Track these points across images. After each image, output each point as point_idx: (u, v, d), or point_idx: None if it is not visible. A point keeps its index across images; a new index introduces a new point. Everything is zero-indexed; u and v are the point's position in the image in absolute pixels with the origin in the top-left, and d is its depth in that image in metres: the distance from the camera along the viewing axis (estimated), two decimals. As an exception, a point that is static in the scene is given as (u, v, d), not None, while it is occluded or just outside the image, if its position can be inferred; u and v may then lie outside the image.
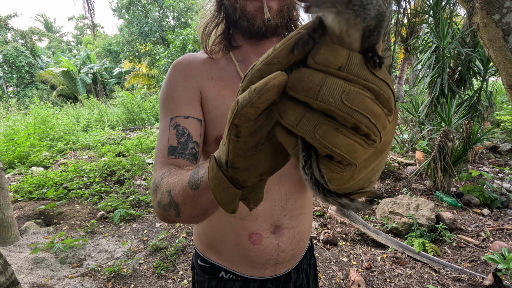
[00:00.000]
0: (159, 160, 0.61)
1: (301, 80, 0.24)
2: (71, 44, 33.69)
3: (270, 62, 0.27)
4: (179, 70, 0.68)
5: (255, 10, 0.60)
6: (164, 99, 0.67)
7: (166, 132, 0.63)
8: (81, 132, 7.81)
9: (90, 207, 3.46)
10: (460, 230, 2.75)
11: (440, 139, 3.30)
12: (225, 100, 0.67)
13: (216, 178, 0.35)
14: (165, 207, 0.50)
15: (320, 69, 0.24)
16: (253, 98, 0.26)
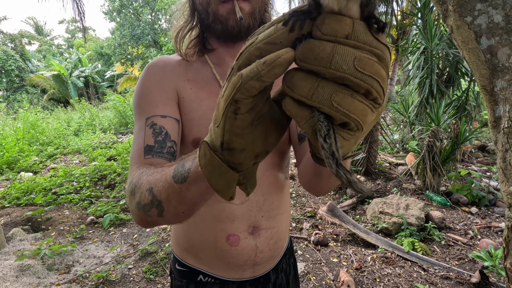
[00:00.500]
0: (135, 161, 0.59)
1: (312, 50, 0.24)
2: (62, 47, 33.33)
3: (273, 41, 0.26)
4: (154, 71, 0.67)
5: (228, 12, 0.61)
6: (138, 100, 0.65)
7: (141, 132, 0.61)
8: (71, 136, 7.71)
9: (80, 212, 3.41)
10: (449, 229, 2.79)
11: (429, 139, 3.34)
12: (202, 102, 0.67)
13: (211, 164, 0.34)
14: (146, 207, 0.47)
15: (328, 39, 0.24)
16: (262, 71, 0.25)
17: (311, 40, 0.25)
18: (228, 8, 0.61)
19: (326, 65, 0.24)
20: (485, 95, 0.91)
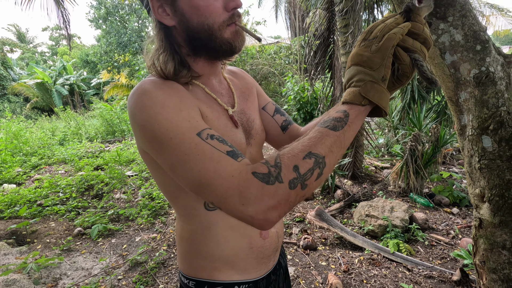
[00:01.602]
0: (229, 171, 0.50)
1: (416, 25, 0.55)
2: (45, 55, 32.63)
3: (397, 23, 0.55)
4: (167, 92, 0.57)
5: (233, 35, 0.61)
6: (168, 124, 0.53)
7: (204, 149, 0.52)
8: (57, 146, 7.54)
9: (67, 223, 3.35)
10: (432, 229, 2.89)
11: (411, 143, 3.47)
12: (219, 121, 0.65)
13: (377, 91, 0.54)
14: (307, 174, 0.49)
15: (420, 22, 0.55)
16: (405, 29, 0.54)
17: (413, 22, 0.55)
18: (233, 31, 0.61)
19: (421, 31, 0.55)
20: (451, 105, 0.99)
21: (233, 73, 0.83)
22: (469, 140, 0.95)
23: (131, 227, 3.24)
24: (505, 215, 0.89)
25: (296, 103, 7.80)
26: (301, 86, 7.62)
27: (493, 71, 0.87)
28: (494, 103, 0.88)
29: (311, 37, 4.80)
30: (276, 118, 0.83)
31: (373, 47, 0.54)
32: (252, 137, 0.74)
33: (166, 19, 0.60)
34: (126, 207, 3.68)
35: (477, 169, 0.94)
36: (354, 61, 0.57)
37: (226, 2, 0.58)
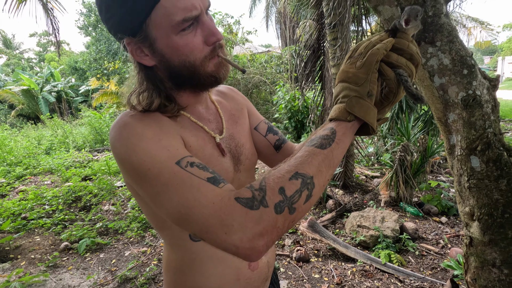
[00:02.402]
0: (210, 198, 0.47)
1: (400, 41, 0.55)
2: (32, 61, 32.02)
3: (382, 39, 0.56)
4: (147, 123, 0.56)
5: (217, 67, 0.60)
6: (146, 155, 0.51)
7: (183, 178, 0.50)
8: (43, 155, 7.34)
9: (52, 238, 3.24)
10: (422, 239, 2.93)
11: (400, 153, 3.54)
12: (204, 151, 0.64)
13: (363, 107, 0.53)
14: (294, 197, 0.46)
15: (405, 39, 0.55)
16: (388, 44, 0.54)
17: (398, 38, 0.55)
18: (216, 62, 0.60)
19: (406, 47, 0.55)
20: (440, 125, 1.02)
21: (222, 94, 0.82)
22: (458, 159, 0.98)
23: (120, 240, 3.16)
24: (494, 234, 0.91)
25: (287, 112, 7.87)
26: (292, 95, 7.70)
27: (479, 94, 0.90)
28: (481, 125, 0.91)
29: (302, 48, 4.88)
30: (268, 138, 0.82)
31: (358, 63, 0.54)
32: (241, 163, 0.73)
33: (146, 60, 0.58)
34: (115, 219, 3.59)
35: (466, 188, 0.96)
36: (340, 78, 0.57)
37: (207, 37, 0.56)
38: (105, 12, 0.54)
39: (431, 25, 0.92)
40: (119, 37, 0.56)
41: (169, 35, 0.54)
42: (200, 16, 0.55)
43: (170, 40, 0.54)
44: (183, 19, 0.52)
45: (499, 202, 0.90)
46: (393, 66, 0.54)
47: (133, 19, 0.53)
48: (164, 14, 0.52)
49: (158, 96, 0.60)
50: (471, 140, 0.92)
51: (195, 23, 0.55)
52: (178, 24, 0.53)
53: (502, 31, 20.75)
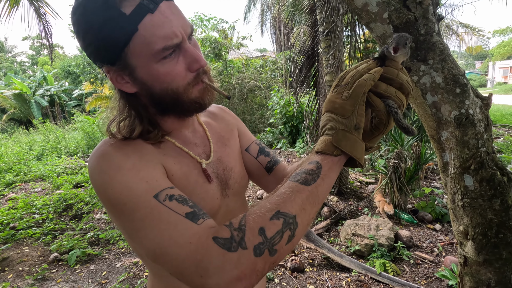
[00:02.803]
0: (187, 237, 0.45)
1: (389, 70, 0.53)
2: (25, 64, 31.69)
3: (370, 68, 0.53)
4: (126, 153, 0.54)
5: (201, 92, 0.59)
6: (124, 189, 0.50)
7: (160, 212, 0.47)
8: (34, 161, 7.22)
9: (42, 248, 3.16)
10: (417, 247, 2.93)
11: (394, 161, 3.55)
12: (188, 178, 0.62)
13: (349, 141, 0.51)
14: (275, 238, 0.44)
15: (395, 68, 0.53)
16: (375, 75, 0.51)
17: (387, 67, 0.53)
18: (201, 88, 0.59)
19: (395, 76, 0.52)
20: (433, 143, 1.01)
21: (212, 115, 0.80)
22: (452, 178, 0.97)
23: (112, 251, 3.10)
24: (489, 254, 0.90)
25: (282, 117, 7.88)
26: (287, 100, 7.72)
27: (472, 113, 0.90)
28: (474, 144, 0.90)
29: (296, 54, 4.90)
30: (260, 160, 0.80)
31: (344, 94, 0.52)
32: (229, 187, 0.71)
33: (127, 87, 0.57)
34: (106, 229, 3.53)
35: (460, 207, 0.95)
36: (326, 108, 0.55)
37: (189, 64, 0.55)
38: (83, 40, 0.52)
39: (423, 43, 0.91)
40: (99, 64, 0.55)
41: (149, 63, 0.52)
42: (182, 43, 0.53)
43: (150, 68, 0.53)
44: (163, 47, 0.51)
45: (493, 222, 0.89)
46: (383, 96, 0.52)
47: (111, 48, 0.51)
48: (143, 43, 0.50)
49: (140, 123, 0.59)
50: (464, 159, 0.91)
51: (177, 50, 0.54)
52: (158, 53, 0.51)
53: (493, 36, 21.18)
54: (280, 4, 9.06)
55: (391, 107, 0.51)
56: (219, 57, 9.76)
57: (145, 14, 0.49)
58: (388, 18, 0.92)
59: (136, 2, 0.49)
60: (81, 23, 0.51)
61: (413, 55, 0.93)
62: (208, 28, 11.54)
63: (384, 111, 0.52)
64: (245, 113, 9.92)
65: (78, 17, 0.51)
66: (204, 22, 11.62)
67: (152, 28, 0.49)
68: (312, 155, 0.54)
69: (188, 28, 0.55)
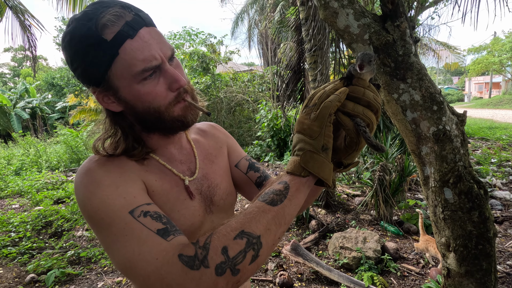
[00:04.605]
0: (158, 248, 0.47)
1: (355, 89, 0.53)
2: (6, 76, 30.84)
3: (336, 88, 0.54)
4: (108, 169, 0.57)
5: (183, 110, 0.61)
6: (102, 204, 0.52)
7: (134, 228, 0.49)
8: (11, 177, 6.92)
9: (17, 269, 2.99)
10: (403, 259, 2.96)
11: (379, 173, 3.63)
12: (169, 195, 0.63)
13: (317, 162, 0.51)
14: (238, 258, 0.44)
15: (361, 86, 0.53)
16: (341, 96, 0.52)
17: (354, 86, 0.53)
18: (183, 107, 0.61)
19: (361, 95, 0.53)
20: (414, 157, 1.05)
21: (202, 132, 0.82)
22: (433, 191, 1.00)
23: (94, 270, 2.97)
24: (470, 265, 0.93)
25: (269, 130, 7.95)
26: (274, 114, 7.82)
27: (449, 129, 0.94)
28: (452, 159, 0.95)
29: (283, 69, 5.01)
30: (250, 175, 0.82)
31: (312, 115, 0.53)
32: (214, 204, 0.72)
33: (113, 106, 0.60)
34: (88, 247, 3.39)
35: (441, 219, 0.99)
36: (296, 129, 0.56)
37: (170, 84, 0.58)
38: (71, 64, 0.57)
39: (402, 63, 0.96)
40: (86, 85, 0.59)
41: (131, 84, 0.56)
42: (161, 65, 0.57)
43: (132, 89, 0.56)
44: (142, 69, 0.54)
45: (472, 233, 0.92)
46: (351, 115, 0.53)
47: (95, 71, 0.55)
48: (124, 65, 0.54)
49: (124, 140, 0.62)
50: (443, 172, 0.95)
51: (157, 72, 0.57)
52: (138, 74, 0.55)
53: (468, 54, 22.43)
54: (267, 21, 9.33)
55: (359, 125, 0.52)
56: (207, 71, 9.84)
57: (125, 39, 0.53)
58: (368, 39, 0.97)
59: (117, 29, 0.53)
60: (69, 49, 0.55)
61: (392, 73, 0.98)
62: (196, 43, 11.68)
63: (353, 130, 0.52)
64: (233, 126, 9.96)
65: (65, 45, 0.55)
66: (192, 37, 11.77)
67: (132, 52, 0.53)
68: (283, 175, 0.55)
69: (168, 51, 0.58)
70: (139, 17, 0.56)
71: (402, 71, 0.97)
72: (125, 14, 0.54)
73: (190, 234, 0.64)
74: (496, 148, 7.18)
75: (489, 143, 8.03)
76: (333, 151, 0.56)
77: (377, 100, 0.54)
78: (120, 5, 0.55)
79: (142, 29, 0.55)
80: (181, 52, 11.56)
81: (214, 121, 9.79)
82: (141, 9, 0.58)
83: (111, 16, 0.52)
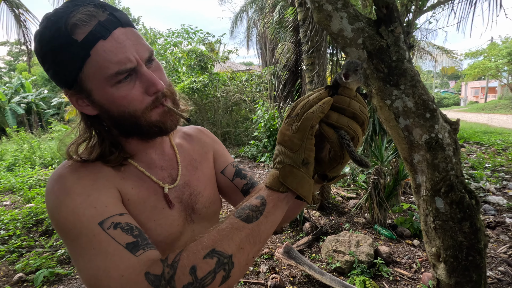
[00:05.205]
0: (125, 264, 0.44)
1: (340, 99, 0.50)
2: (1, 70, 30.52)
3: (320, 98, 0.51)
4: (80, 176, 0.54)
5: (161, 116, 0.58)
6: (71, 214, 0.49)
7: (101, 241, 0.47)
8: (4, 173, 6.83)
9: (5, 268, 2.94)
10: (396, 263, 2.96)
11: (374, 177, 3.63)
12: (145, 203, 0.61)
13: (297, 177, 0.48)
14: (207, 279, 0.43)
15: (347, 96, 0.50)
16: (324, 106, 0.49)
17: (339, 96, 0.50)
18: (161, 112, 0.57)
19: (347, 106, 0.49)
20: (406, 165, 1.03)
21: (187, 136, 0.79)
22: (424, 200, 0.98)
23: (83, 270, 2.92)
24: (460, 277, 0.91)
25: (266, 131, 7.93)
26: (271, 114, 7.80)
27: (441, 137, 0.93)
28: (444, 167, 0.93)
29: (281, 69, 5.00)
30: (236, 182, 0.79)
31: (293, 126, 0.49)
32: (195, 212, 0.69)
33: (87, 109, 0.57)
34: (79, 245, 3.34)
35: (432, 229, 0.97)
36: (278, 140, 0.52)
37: (146, 87, 0.54)
38: (43, 65, 0.54)
39: (395, 69, 0.94)
40: (59, 87, 0.57)
41: (104, 87, 0.53)
42: (137, 68, 0.54)
43: (106, 92, 0.53)
44: (116, 72, 0.51)
45: (463, 244, 0.90)
46: (336, 127, 0.49)
47: (66, 73, 0.53)
48: (96, 67, 0.51)
49: (100, 145, 0.59)
50: (435, 181, 0.94)
51: (133, 75, 0.54)
52: (111, 77, 0.52)
53: (464, 59, 22.59)
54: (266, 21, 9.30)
55: (343, 138, 0.49)
56: (205, 70, 9.79)
57: (97, 40, 0.50)
58: (362, 44, 0.95)
59: (88, 29, 0.50)
60: (39, 50, 0.52)
61: (386, 79, 0.96)
62: (194, 41, 11.62)
63: (337, 143, 0.49)
64: (230, 125, 9.93)
65: (36, 45, 0.53)
66: (190, 35, 11.71)
67: (104, 53, 0.50)
68: (261, 188, 0.52)
69: (146, 53, 0.55)
70: (114, 17, 0.52)
71: (396, 77, 0.95)
72: (98, 14, 0.51)
73: (168, 244, 0.61)
74: (491, 152, 7.23)
75: (484, 148, 8.08)
76: (318, 162, 0.54)
77: (363, 111, 0.50)
78: (94, 4, 0.52)
79: (116, 29, 0.52)
80: (179, 50, 11.50)
81: (211, 120, 9.75)
82: (117, 9, 0.55)
83: (83, 16, 0.49)
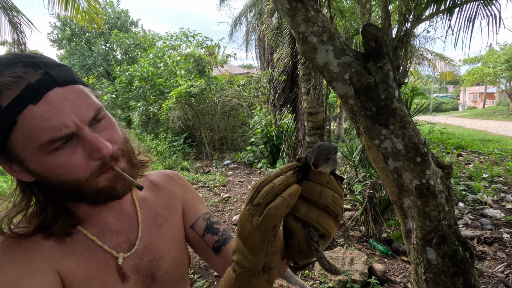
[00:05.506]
0: None
1: (310, 187, 0.42)
2: (0, 70, 30.39)
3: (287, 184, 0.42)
4: (10, 258, 0.48)
5: (111, 181, 0.52)
6: None
7: None
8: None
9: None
10: (390, 282, 2.88)
11: (369, 191, 3.56)
12: (93, 280, 0.54)
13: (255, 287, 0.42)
14: None
15: (318, 183, 0.42)
16: (290, 200, 0.40)
17: (309, 182, 0.43)
18: (110, 176, 0.51)
19: (317, 197, 0.42)
20: (396, 208, 0.96)
21: (153, 186, 0.71)
22: (415, 248, 0.92)
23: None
24: (452, 336, 0.84)
25: (263, 137, 7.87)
26: (268, 120, 7.74)
27: (433, 184, 0.86)
28: (435, 216, 0.86)
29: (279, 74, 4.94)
30: (206, 239, 0.71)
31: (254, 221, 0.41)
32: (156, 280, 0.62)
33: (23, 176, 0.50)
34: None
35: (423, 281, 0.90)
36: (238, 229, 0.45)
37: (90, 153, 0.48)
38: None
39: (384, 108, 0.88)
40: None
41: (38, 156, 0.47)
42: (78, 132, 0.47)
43: (40, 160, 0.47)
44: (48, 140, 0.45)
45: (456, 301, 0.83)
46: (304, 222, 0.42)
47: None
48: (26, 136, 0.45)
49: (38, 215, 0.52)
50: (426, 231, 0.87)
51: (74, 139, 0.48)
52: (44, 146, 0.46)
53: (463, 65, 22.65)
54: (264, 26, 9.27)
55: (312, 237, 0.41)
56: (203, 74, 9.73)
57: (25, 106, 0.44)
58: (349, 79, 0.88)
59: (14, 93, 0.44)
60: None
61: (374, 118, 0.90)
62: (193, 45, 11.58)
63: (305, 241, 0.42)
64: (227, 130, 9.86)
65: None
66: (189, 38, 11.66)
67: (34, 120, 0.44)
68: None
69: (90, 112, 0.49)
70: (49, 76, 0.46)
71: (384, 116, 0.88)
72: (28, 74, 0.44)
73: None
74: (489, 162, 7.18)
75: (481, 157, 8.04)
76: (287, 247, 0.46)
77: (337, 202, 0.43)
78: (24, 62, 0.45)
79: (51, 91, 0.45)
80: (177, 53, 11.46)
81: (208, 124, 9.67)
82: (57, 64, 0.48)
83: (8, 79, 0.43)
